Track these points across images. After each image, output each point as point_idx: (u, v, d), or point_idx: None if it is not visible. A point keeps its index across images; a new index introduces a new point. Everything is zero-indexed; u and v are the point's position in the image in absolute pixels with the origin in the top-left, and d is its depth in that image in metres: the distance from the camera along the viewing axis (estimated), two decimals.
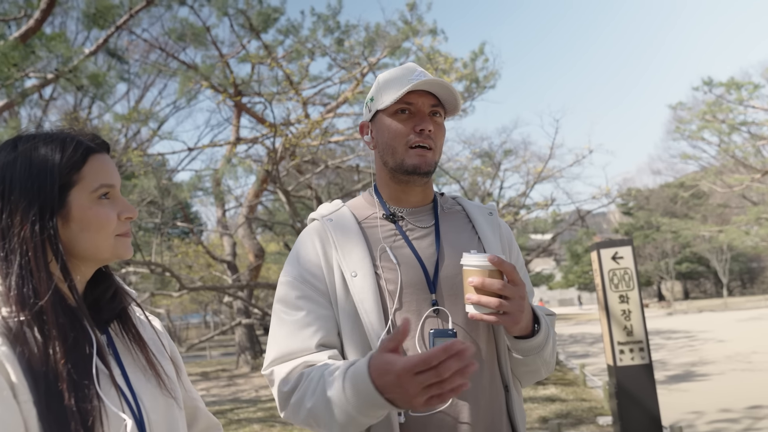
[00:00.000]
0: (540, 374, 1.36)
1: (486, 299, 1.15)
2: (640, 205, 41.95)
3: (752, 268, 47.96)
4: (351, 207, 1.42)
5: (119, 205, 1.06)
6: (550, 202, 14.74)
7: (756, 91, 20.85)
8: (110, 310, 1.10)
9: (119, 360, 1.05)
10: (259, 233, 21.98)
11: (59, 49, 7.87)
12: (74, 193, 1.00)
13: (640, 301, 5.05)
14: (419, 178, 1.34)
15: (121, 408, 0.97)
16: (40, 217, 0.96)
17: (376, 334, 1.22)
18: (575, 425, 6.53)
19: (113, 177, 1.06)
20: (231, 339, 27.70)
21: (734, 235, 22.67)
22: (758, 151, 23.33)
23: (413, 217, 1.38)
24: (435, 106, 1.34)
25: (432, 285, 1.28)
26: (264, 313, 12.95)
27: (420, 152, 1.31)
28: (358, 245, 1.30)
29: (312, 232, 1.37)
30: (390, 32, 13.21)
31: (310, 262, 1.32)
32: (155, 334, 1.20)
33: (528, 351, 1.27)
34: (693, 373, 9.98)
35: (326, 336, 1.26)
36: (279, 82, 12.47)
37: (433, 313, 1.26)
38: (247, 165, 11.63)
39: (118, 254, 1.06)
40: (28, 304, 0.92)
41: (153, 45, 15.17)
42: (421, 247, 1.33)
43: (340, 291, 1.28)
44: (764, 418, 6.42)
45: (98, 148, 1.06)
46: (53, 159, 1.00)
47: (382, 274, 1.28)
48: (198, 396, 1.27)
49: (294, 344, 1.26)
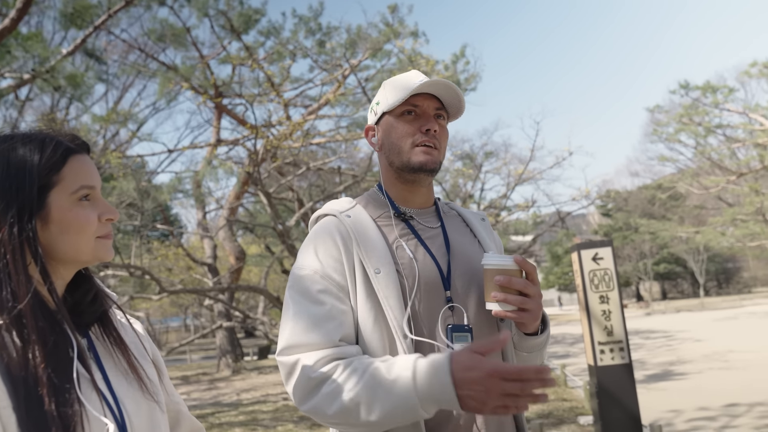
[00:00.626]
0: None
1: (512, 297, 1.22)
2: (619, 206, 42.48)
3: (728, 269, 48.83)
4: (363, 205, 1.44)
5: (100, 206, 1.04)
6: (530, 204, 14.86)
7: (731, 95, 21.27)
8: (91, 314, 1.08)
9: (100, 364, 1.03)
10: (240, 235, 21.83)
11: (36, 49, 7.75)
12: (54, 195, 0.98)
13: (620, 302, 5.10)
14: (425, 176, 1.38)
15: (103, 412, 0.95)
16: (18, 219, 0.94)
17: (400, 328, 1.25)
18: (556, 425, 6.58)
19: (94, 178, 1.04)
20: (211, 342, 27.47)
21: (710, 236, 23.07)
22: (733, 154, 23.77)
23: (421, 218, 1.43)
24: (439, 109, 1.40)
25: (447, 283, 1.33)
26: (245, 316, 12.87)
27: (426, 150, 1.36)
28: (378, 243, 1.33)
29: (331, 228, 1.37)
30: (371, 34, 13.23)
31: (331, 257, 1.33)
32: (137, 338, 1.18)
33: (533, 348, 1.36)
34: (671, 373, 10.12)
35: (347, 331, 1.28)
36: (260, 83, 12.42)
37: (448, 309, 1.31)
38: (228, 167, 11.55)
39: (98, 257, 1.04)
40: (6, 308, 0.90)
41: (132, 45, 15.01)
42: (433, 247, 1.38)
43: (362, 287, 1.29)
44: (741, 415, 6.53)
45: (78, 149, 1.05)
46: (32, 159, 0.98)
47: (402, 271, 1.31)
48: (180, 399, 1.26)
49: (317, 336, 1.25)
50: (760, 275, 46.60)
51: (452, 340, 1.26)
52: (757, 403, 7.00)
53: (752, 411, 6.68)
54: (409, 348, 1.24)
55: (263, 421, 8.39)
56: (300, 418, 8.33)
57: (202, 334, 16.74)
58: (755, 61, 19.02)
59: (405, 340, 1.24)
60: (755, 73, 19.47)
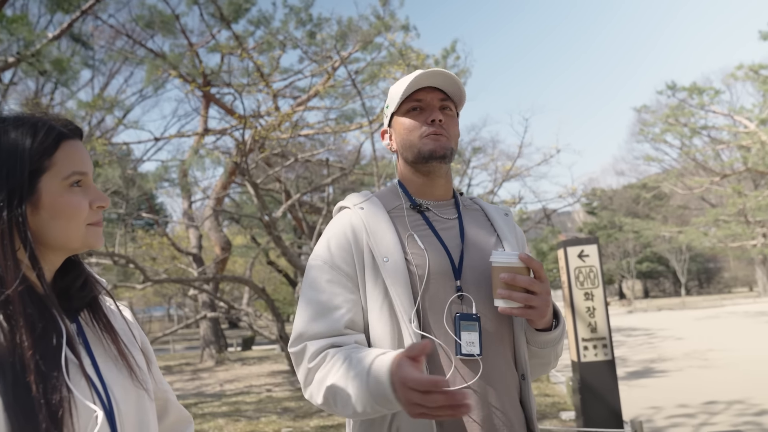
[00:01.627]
0: (550, 367, 1.47)
1: (517, 294, 1.24)
2: (604, 205, 42.86)
3: (709, 269, 49.50)
4: (379, 197, 1.48)
5: (91, 193, 1.03)
6: (517, 200, 14.92)
7: (716, 97, 21.50)
8: (80, 299, 1.07)
9: (89, 350, 1.02)
10: (226, 226, 21.72)
11: (21, 32, 7.61)
12: (45, 180, 0.97)
13: (605, 299, 5.16)
14: (438, 163, 1.41)
15: (92, 399, 0.94)
16: (8, 204, 0.93)
17: (407, 315, 1.28)
18: (539, 420, 6.63)
19: (86, 164, 1.03)
20: (195, 333, 27.36)
21: (693, 236, 23.36)
22: (717, 155, 24.08)
23: (438, 209, 1.46)
24: (444, 100, 1.44)
25: (457, 273, 1.36)
26: (230, 306, 12.82)
27: (434, 138, 1.40)
28: (388, 232, 1.37)
29: (344, 220, 1.42)
30: (362, 27, 13.17)
31: (342, 248, 1.37)
32: (126, 324, 1.17)
33: (545, 344, 1.37)
34: (652, 370, 10.25)
35: (353, 318, 1.33)
36: (249, 73, 12.33)
37: (457, 298, 1.33)
38: (215, 156, 11.47)
39: (89, 244, 1.03)
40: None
41: (119, 31, 14.82)
42: (447, 238, 1.40)
43: (370, 275, 1.34)
44: (720, 413, 6.63)
45: (71, 134, 1.03)
46: (23, 143, 0.96)
47: (412, 259, 1.34)
48: (169, 388, 1.25)
49: (323, 324, 1.32)
50: (740, 275, 47.28)
51: (460, 329, 1.29)
52: (735, 401, 7.11)
53: (730, 408, 6.79)
54: (415, 335, 1.27)
55: (246, 413, 8.38)
56: (284, 409, 8.33)
57: (186, 324, 16.66)
58: (741, 64, 19.22)
59: (411, 326, 1.27)
60: (741, 76, 19.68)
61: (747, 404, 6.91)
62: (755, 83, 19.74)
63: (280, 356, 16.52)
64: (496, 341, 1.34)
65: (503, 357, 1.35)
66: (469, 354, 1.28)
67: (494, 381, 1.31)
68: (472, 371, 1.29)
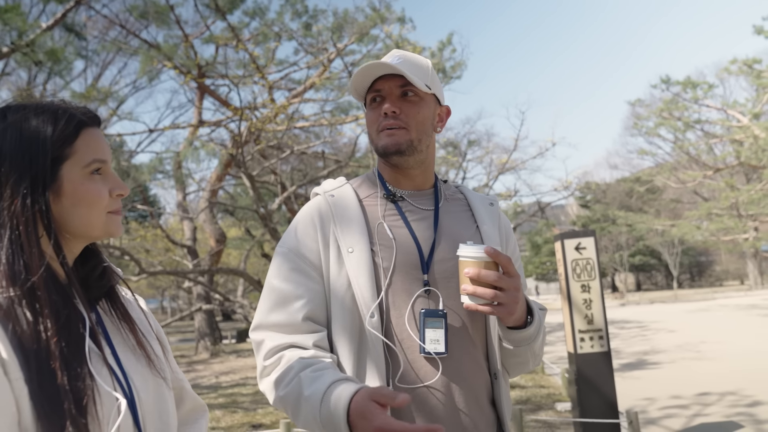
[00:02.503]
0: (528, 366, 1.38)
1: (481, 290, 1.17)
2: (597, 198, 42.99)
3: (701, 262, 49.83)
4: (353, 185, 1.44)
5: (111, 181, 1.03)
6: (513, 193, 14.96)
7: (710, 91, 21.56)
8: (99, 288, 1.07)
9: (109, 339, 1.03)
10: (220, 218, 21.67)
11: (15, 22, 7.54)
12: (66, 168, 0.97)
13: (601, 291, 5.19)
14: (398, 158, 1.34)
15: (114, 387, 0.95)
16: (31, 191, 0.93)
17: (368, 309, 1.24)
18: (534, 411, 6.69)
19: (105, 152, 1.03)
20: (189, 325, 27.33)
21: (686, 230, 23.49)
22: (710, 149, 24.20)
23: (414, 199, 1.40)
24: (404, 86, 1.33)
25: (425, 266, 1.30)
26: (225, 298, 12.81)
27: (388, 132, 1.33)
28: (356, 222, 1.32)
29: (313, 207, 1.38)
30: (358, 19, 13.11)
31: (308, 235, 1.34)
32: (142, 314, 1.18)
33: (519, 342, 1.29)
34: (645, 362, 10.34)
35: (314, 310, 1.29)
36: (245, 65, 12.26)
37: (424, 293, 1.28)
38: (210, 148, 11.42)
39: (109, 232, 1.03)
40: (19, 280, 0.89)
41: (113, 21, 14.67)
42: (419, 229, 1.35)
43: (334, 266, 1.29)
44: (713, 404, 6.70)
45: (90, 122, 1.03)
46: (45, 131, 0.96)
47: (378, 251, 1.29)
48: (184, 377, 1.25)
49: (280, 316, 1.29)
50: (731, 269, 47.64)
51: (425, 325, 1.24)
52: (727, 392, 7.19)
53: (723, 400, 6.87)
54: (376, 327, 1.23)
55: (243, 404, 8.40)
56: None
57: (181, 316, 16.62)
58: (735, 59, 19.28)
59: (372, 320, 1.23)
60: (734, 71, 19.74)
61: (739, 395, 6.99)
62: (749, 78, 19.82)
63: None
64: (465, 339, 1.29)
65: (472, 355, 1.29)
66: (433, 352, 1.23)
67: (460, 380, 1.26)
68: (434, 370, 1.24)
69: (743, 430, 5.56)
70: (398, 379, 1.24)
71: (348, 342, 1.26)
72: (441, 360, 1.24)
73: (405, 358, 1.25)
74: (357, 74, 1.34)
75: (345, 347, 1.26)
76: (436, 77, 1.41)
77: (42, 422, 0.84)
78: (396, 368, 1.24)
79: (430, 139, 1.38)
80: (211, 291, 13.03)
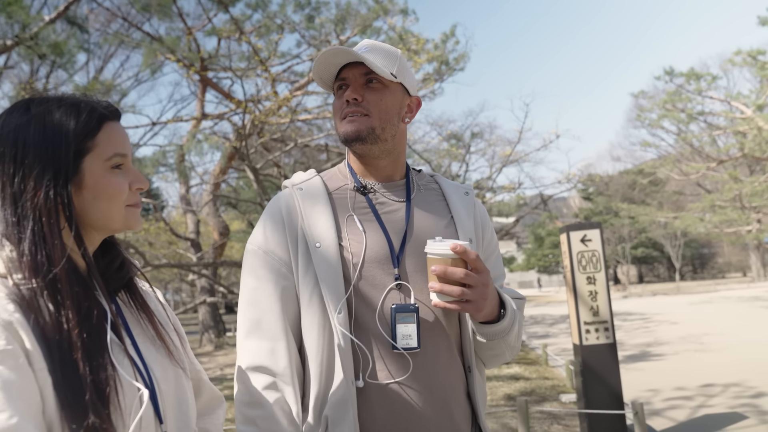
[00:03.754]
0: (504, 357, 1.36)
1: (448, 288, 1.15)
2: (600, 190, 42.94)
3: (703, 254, 49.81)
4: (324, 177, 1.41)
5: (131, 175, 1.04)
6: (516, 186, 14.94)
7: (714, 82, 21.50)
8: (118, 281, 1.08)
9: (129, 330, 1.04)
10: (223, 211, 21.69)
11: (18, 15, 7.53)
12: (88, 161, 0.98)
13: (607, 283, 5.20)
14: (358, 145, 1.31)
15: (135, 378, 0.96)
16: (54, 183, 0.94)
17: (335, 306, 1.22)
18: (539, 402, 6.71)
19: (126, 146, 1.04)
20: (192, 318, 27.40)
21: (689, 222, 23.48)
22: (714, 141, 24.13)
23: (384, 191, 1.37)
24: (368, 74, 1.31)
25: (396, 260, 1.28)
26: (229, 291, 12.85)
27: (350, 119, 1.30)
28: (324, 215, 1.29)
29: (281, 200, 1.36)
30: (361, 11, 13.07)
31: (276, 230, 1.32)
32: (160, 305, 1.19)
33: (492, 335, 1.28)
34: (649, 353, 10.36)
35: (287, 307, 1.28)
36: (247, 57, 12.23)
37: (395, 287, 1.26)
38: (214, 141, 11.42)
39: (128, 225, 1.04)
40: (42, 271, 0.90)
41: (115, 14, 14.65)
42: (390, 221, 1.32)
43: (303, 261, 1.27)
44: (717, 395, 6.72)
45: (112, 116, 1.04)
46: (68, 124, 0.97)
47: (348, 246, 1.27)
48: (201, 368, 1.27)
49: (263, 318, 1.28)
50: (734, 261, 47.61)
51: (396, 321, 1.23)
52: (731, 384, 7.20)
53: (727, 391, 6.88)
54: (343, 324, 1.22)
55: None
56: None
57: (185, 309, 16.67)
58: (739, 50, 19.20)
59: (339, 316, 1.22)
60: (738, 62, 19.66)
61: (743, 387, 7.00)
62: (753, 69, 19.73)
63: None
64: (437, 333, 1.27)
65: (446, 349, 1.28)
66: (405, 348, 1.22)
67: (434, 375, 1.25)
68: (405, 366, 1.23)
69: (747, 421, 5.57)
70: (368, 375, 1.23)
71: (316, 339, 1.24)
72: (413, 355, 1.23)
73: (376, 354, 1.23)
74: (318, 61, 1.30)
75: (313, 344, 1.24)
76: (407, 67, 1.38)
77: (65, 412, 0.85)
78: (366, 365, 1.23)
79: (395, 129, 1.34)
80: (216, 284, 13.05)
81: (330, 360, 1.24)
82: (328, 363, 1.24)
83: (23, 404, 0.80)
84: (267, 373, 1.24)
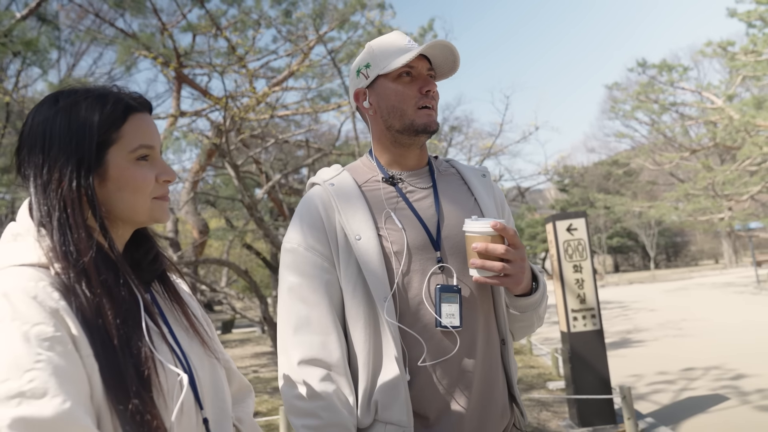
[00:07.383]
0: (533, 328, 1.46)
1: (490, 263, 1.22)
2: (575, 182, 43.47)
3: (676, 242, 50.79)
4: (350, 171, 1.44)
5: (158, 167, 1.04)
6: (497, 179, 15.05)
7: (685, 73, 21.84)
8: (152, 272, 1.09)
9: (165, 319, 1.05)
10: (202, 209, 21.46)
11: None
12: (112, 152, 0.98)
13: (593, 271, 5.29)
14: (426, 137, 1.39)
15: (174, 364, 0.97)
16: (77, 174, 0.95)
17: (382, 296, 1.26)
18: (527, 390, 6.81)
19: (153, 138, 1.03)
20: None
21: (664, 211, 23.88)
22: (686, 131, 24.56)
23: (412, 179, 1.42)
24: (430, 69, 1.40)
25: (437, 244, 1.33)
26: (212, 289, 12.76)
27: (428, 112, 1.37)
28: (360, 208, 1.33)
29: (314, 197, 1.39)
30: (338, 5, 13.01)
31: (314, 227, 1.34)
32: (189, 297, 1.20)
33: (526, 308, 1.36)
34: (629, 340, 10.55)
35: (334, 301, 1.31)
36: (224, 54, 12.10)
37: (438, 270, 1.32)
38: (192, 138, 11.29)
39: (155, 217, 1.04)
40: (71, 260, 0.90)
41: (87, 10, 14.37)
42: (422, 208, 1.38)
43: (344, 255, 1.30)
44: (698, 378, 6.89)
45: (140, 107, 1.03)
46: (92, 116, 0.97)
47: (387, 236, 1.31)
48: (229, 357, 1.27)
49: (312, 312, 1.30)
50: (706, 248, 48.62)
51: (441, 301, 1.28)
52: (712, 367, 7.39)
53: (708, 374, 7.06)
54: (390, 313, 1.25)
55: None
56: (273, 389, 8.38)
57: None
58: (710, 41, 19.54)
59: (387, 305, 1.25)
60: (709, 53, 20.00)
61: (723, 369, 7.19)
62: (723, 60, 20.12)
63: (261, 338, 16.53)
64: (476, 310, 1.33)
65: (484, 325, 1.34)
66: (449, 326, 1.27)
67: (476, 350, 1.31)
68: (452, 343, 1.28)
69: (729, 401, 5.73)
70: (416, 359, 1.28)
71: (363, 328, 1.28)
72: (458, 333, 1.29)
73: (423, 336, 1.28)
74: (433, 45, 1.35)
75: (360, 333, 1.29)
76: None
77: (110, 396, 0.86)
78: (412, 349, 1.27)
79: None
80: (198, 282, 12.95)
81: (377, 347, 1.27)
82: (375, 350, 1.27)
83: (74, 389, 0.81)
84: (321, 366, 1.27)
